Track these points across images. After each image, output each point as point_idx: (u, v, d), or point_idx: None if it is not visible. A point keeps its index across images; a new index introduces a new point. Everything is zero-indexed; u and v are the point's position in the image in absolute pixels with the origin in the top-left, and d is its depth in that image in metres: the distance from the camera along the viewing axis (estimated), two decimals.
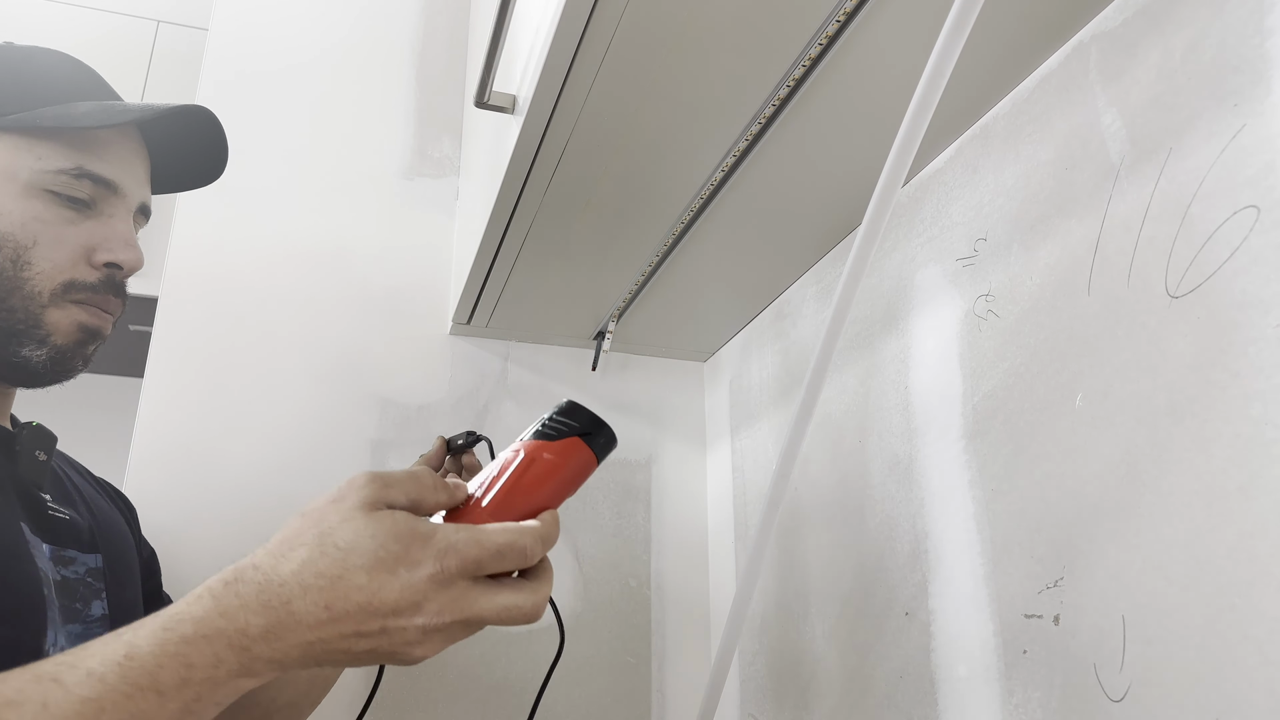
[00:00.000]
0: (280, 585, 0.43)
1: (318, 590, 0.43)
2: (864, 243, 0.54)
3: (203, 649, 0.42)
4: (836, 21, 0.64)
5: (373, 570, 0.44)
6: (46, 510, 0.65)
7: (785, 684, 0.98)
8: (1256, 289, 0.49)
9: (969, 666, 0.69)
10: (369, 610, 0.44)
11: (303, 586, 0.43)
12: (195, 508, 1.04)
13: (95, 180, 0.66)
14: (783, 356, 1.07)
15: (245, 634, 0.43)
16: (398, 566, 0.44)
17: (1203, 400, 0.52)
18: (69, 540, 0.66)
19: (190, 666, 0.42)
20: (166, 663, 0.41)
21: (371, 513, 0.45)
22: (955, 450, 0.73)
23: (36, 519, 0.64)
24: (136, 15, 1.90)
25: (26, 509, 0.63)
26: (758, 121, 0.75)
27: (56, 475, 0.72)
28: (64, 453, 0.79)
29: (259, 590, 0.43)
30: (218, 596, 0.43)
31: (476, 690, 1.09)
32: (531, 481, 0.52)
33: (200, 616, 0.43)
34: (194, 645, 0.42)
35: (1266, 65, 0.51)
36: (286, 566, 0.44)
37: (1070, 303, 0.63)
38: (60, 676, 0.40)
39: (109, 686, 0.40)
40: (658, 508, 1.24)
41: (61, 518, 0.66)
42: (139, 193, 0.71)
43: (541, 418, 0.54)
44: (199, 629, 0.42)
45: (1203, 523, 0.51)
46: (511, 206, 0.88)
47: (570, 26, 0.64)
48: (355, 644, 0.44)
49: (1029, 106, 0.70)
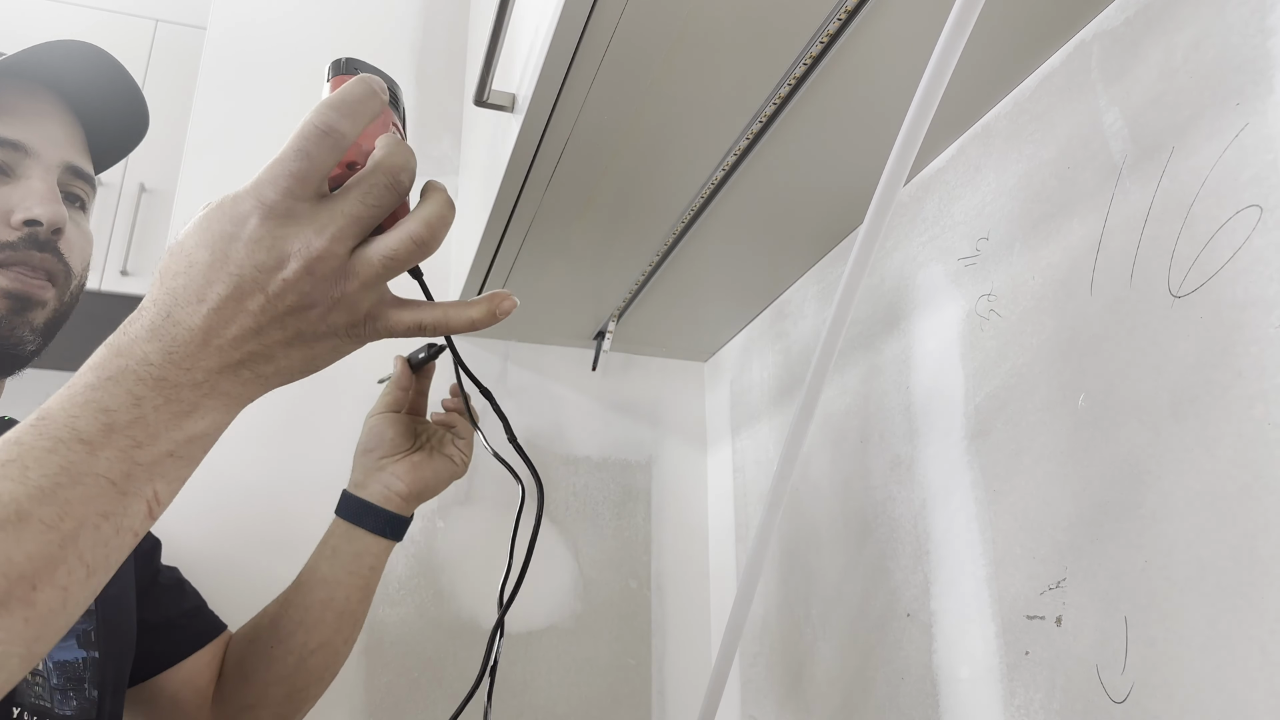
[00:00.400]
0: (155, 304, 0.42)
1: (182, 289, 0.41)
2: (865, 242, 0.54)
3: (113, 390, 0.40)
4: (838, 20, 0.64)
5: (210, 244, 0.42)
6: None
7: (786, 685, 0.98)
8: (1259, 288, 0.49)
9: (971, 668, 0.69)
10: (241, 289, 0.41)
11: (170, 292, 0.42)
12: (185, 504, 1.03)
13: (1, 144, 0.65)
14: (783, 357, 1.06)
15: (148, 363, 0.41)
16: (227, 227, 0.42)
17: (1205, 400, 0.52)
18: None
19: (108, 411, 0.39)
20: (79, 412, 0.39)
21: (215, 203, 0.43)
22: (957, 451, 0.73)
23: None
24: (135, 14, 1.90)
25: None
26: (758, 121, 0.75)
27: None
28: None
29: (144, 320, 0.42)
30: (111, 343, 0.42)
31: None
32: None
33: (98, 363, 0.41)
34: (101, 390, 0.40)
35: (1268, 64, 0.50)
36: (156, 289, 0.42)
37: (1073, 302, 0.63)
38: None
39: (25, 446, 0.38)
40: (658, 508, 1.24)
41: None
42: (57, 153, 0.68)
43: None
44: (100, 374, 0.40)
45: (1205, 523, 0.51)
46: (511, 206, 0.88)
47: (570, 25, 0.64)
48: (268, 333, 0.42)
49: (1031, 105, 0.69)
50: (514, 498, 0.76)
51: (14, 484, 0.37)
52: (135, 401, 0.40)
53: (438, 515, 1.13)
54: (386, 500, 0.81)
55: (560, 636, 1.14)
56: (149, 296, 0.43)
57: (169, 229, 1.16)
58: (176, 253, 0.43)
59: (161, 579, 0.85)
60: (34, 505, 0.37)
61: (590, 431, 1.24)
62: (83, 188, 0.71)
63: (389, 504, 0.81)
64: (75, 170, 0.70)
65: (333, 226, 0.43)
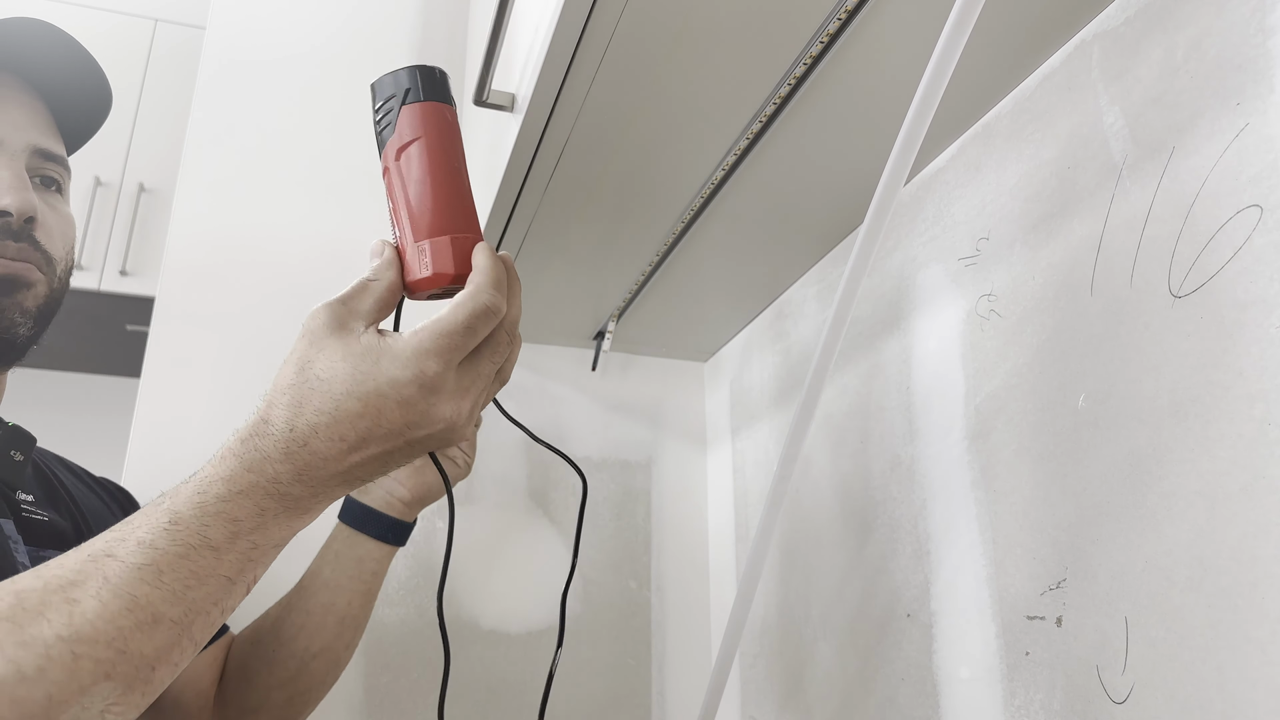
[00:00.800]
0: (292, 431, 0.45)
1: (325, 427, 0.45)
2: (865, 242, 0.54)
3: (242, 503, 0.44)
4: (838, 19, 0.64)
5: (363, 398, 0.46)
6: (21, 511, 0.65)
7: (786, 686, 0.98)
8: (1260, 289, 0.49)
9: (971, 668, 0.69)
10: (382, 433, 0.46)
11: (311, 427, 0.45)
12: None
13: None
14: (784, 357, 1.06)
15: (278, 482, 0.45)
16: (384, 392, 0.46)
17: (1206, 400, 0.52)
18: (47, 541, 0.66)
19: (236, 520, 0.44)
20: (211, 521, 0.43)
21: (339, 335, 0.47)
22: (957, 451, 0.73)
23: (12, 519, 0.64)
24: (134, 14, 1.90)
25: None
26: (758, 120, 0.75)
27: (44, 476, 0.72)
28: (57, 454, 0.79)
29: (275, 441, 0.45)
30: (239, 455, 0.45)
31: (475, 693, 1.09)
32: (420, 181, 0.52)
33: (228, 476, 0.44)
34: (232, 502, 0.44)
35: (1269, 64, 0.50)
36: (289, 413, 0.46)
37: (1073, 302, 0.63)
38: (112, 551, 0.42)
39: (160, 550, 0.42)
40: (658, 509, 1.24)
41: (39, 519, 0.66)
42: (22, 137, 0.66)
43: (373, 124, 0.54)
44: (231, 487, 0.44)
45: (1206, 523, 0.51)
46: (511, 205, 0.88)
47: (570, 24, 0.64)
48: (392, 458, 0.48)
49: (1031, 105, 0.69)
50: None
51: (150, 588, 0.41)
52: (260, 512, 0.45)
53: (437, 516, 1.13)
54: (389, 506, 0.81)
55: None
56: (280, 416, 0.46)
57: (168, 228, 1.16)
58: (312, 382, 0.46)
59: None
60: (166, 607, 0.41)
61: (590, 432, 1.24)
62: (55, 169, 0.68)
63: (391, 510, 0.81)
64: (44, 153, 0.67)
65: (474, 390, 0.49)
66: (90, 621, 0.39)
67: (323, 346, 0.47)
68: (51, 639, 0.38)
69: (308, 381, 0.46)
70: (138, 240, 1.80)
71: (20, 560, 0.61)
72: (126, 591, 0.40)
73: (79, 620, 0.39)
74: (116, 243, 1.79)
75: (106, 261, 1.79)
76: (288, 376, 0.47)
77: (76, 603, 0.39)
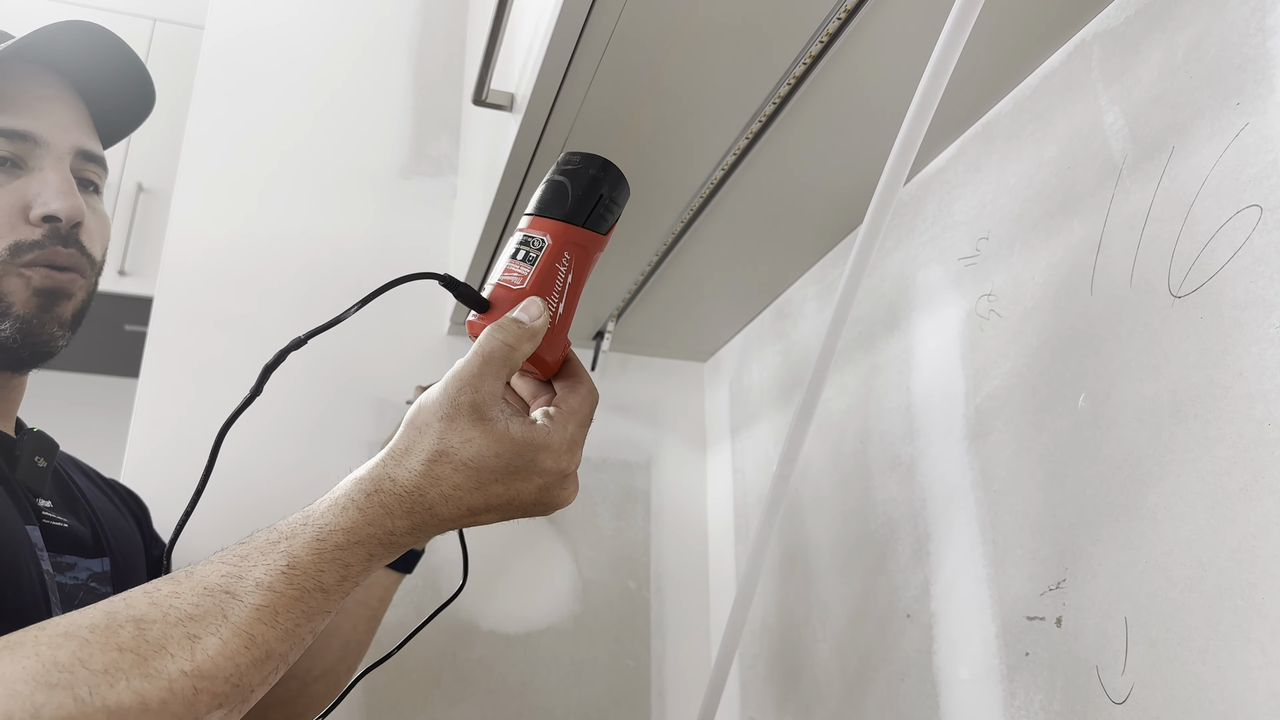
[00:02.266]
0: (421, 495, 0.47)
1: (457, 499, 0.48)
2: (865, 242, 0.54)
3: (357, 552, 0.47)
4: (838, 19, 0.64)
5: (508, 480, 0.49)
6: (43, 517, 0.65)
7: (786, 686, 0.98)
8: (1260, 289, 0.49)
9: (971, 669, 0.69)
10: (510, 508, 0.50)
11: (443, 496, 0.48)
12: (206, 512, 1.03)
13: (9, 136, 0.64)
14: (783, 357, 1.06)
15: (393, 534, 0.47)
16: (530, 475, 0.49)
17: (1205, 400, 0.52)
18: (67, 546, 0.66)
19: (348, 566, 0.46)
20: (327, 567, 0.46)
21: (483, 425, 0.49)
22: (957, 451, 0.73)
23: (37, 525, 0.64)
24: (134, 13, 1.90)
25: (23, 514, 0.63)
26: (758, 120, 0.75)
27: (61, 481, 0.71)
28: (72, 457, 0.78)
29: (400, 500, 0.47)
30: (363, 509, 0.47)
31: (475, 693, 1.09)
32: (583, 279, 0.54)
33: (349, 527, 0.47)
34: (349, 551, 0.46)
35: (1269, 64, 0.50)
36: (422, 480, 0.48)
37: (1073, 302, 0.63)
38: (230, 589, 0.44)
39: (278, 593, 0.44)
40: (657, 509, 1.24)
41: (59, 525, 0.66)
42: (67, 139, 0.67)
43: (561, 186, 0.54)
44: (350, 537, 0.46)
45: (1205, 524, 0.51)
46: (510, 205, 0.88)
47: (569, 23, 0.64)
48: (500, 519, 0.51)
49: (1031, 105, 0.69)
50: None
51: (267, 628, 0.44)
52: (369, 557, 0.47)
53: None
54: None
55: (559, 637, 1.14)
56: (408, 480, 0.48)
57: (167, 228, 1.16)
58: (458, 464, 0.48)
59: None
60: (277, 644, 0.44)
61: (589, 431, 1.24)
62: (95, 171, 0.70)
63: None
64: (86, 154, 0.69)
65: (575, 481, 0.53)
66: (212, 658, 0.42)
67: (468, 438, 0.48)
68: (175, 674, 0.40)
69: (450, 461, 0.48)
70: (136, 240, 1.80)
71: (45, 568, 0.61)
72: (245, 631, 0.43)
73: (201, 656, 0.41)
74: (115, 243, 1.78)
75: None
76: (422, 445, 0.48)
77: (198, 639, 0.42)
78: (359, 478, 0.48)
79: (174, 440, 1.06)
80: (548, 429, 0.50)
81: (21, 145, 0.65)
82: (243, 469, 1.07)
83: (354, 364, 1.16)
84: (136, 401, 1.07)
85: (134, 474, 1.03)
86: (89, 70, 0.70)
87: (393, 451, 0.49)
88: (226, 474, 1.07)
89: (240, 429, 1.10)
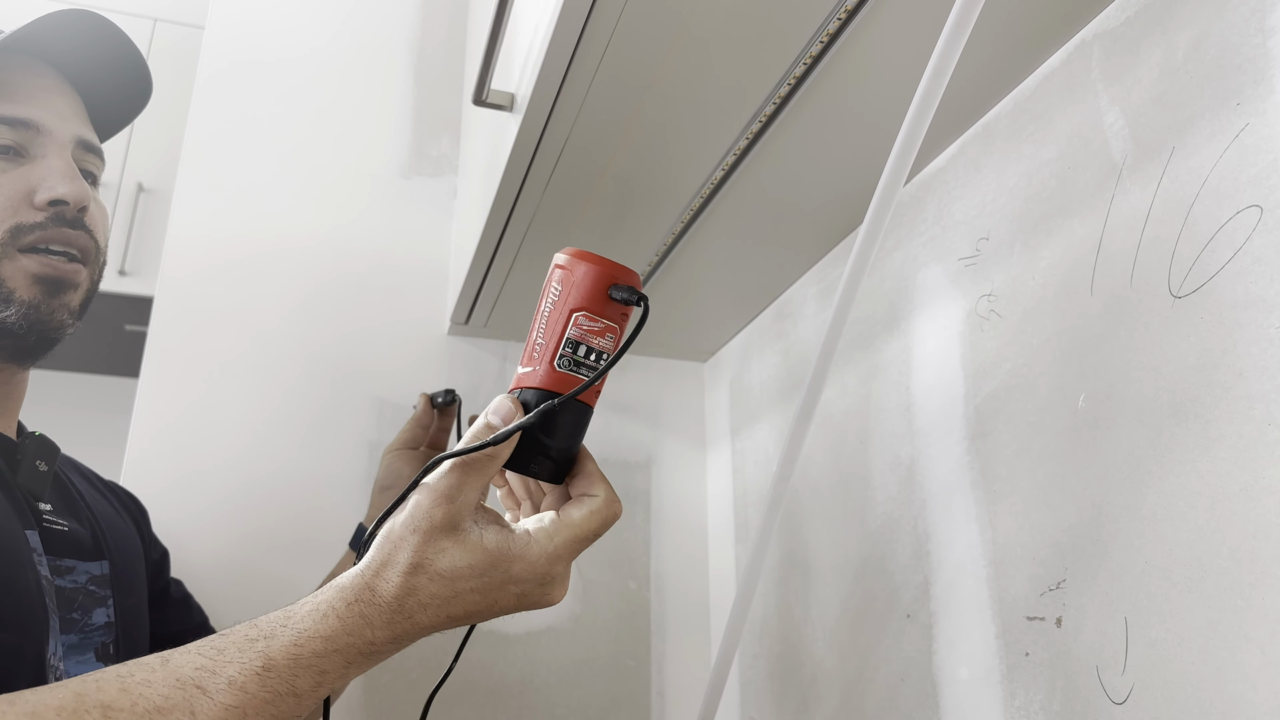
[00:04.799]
0: (400, 606, 0.48)
1: (435, 608, 0.48)
2: (865, 242, 0.54)
3: (334, 660, 0.47)
4: (838, 19, 0.64)
5: (485, 590, 0.49)
6: (43, 521, 0.65)
7: (786, 687, 0.98)
8: (1260, 289, 0.49)
9: (971, 669, 0.69)
10: (490, 611, 0.50)
11: (421, 605, 0.48)
12: (191, 508, 1.04)
13: (11, 124, 0.64)
14: (783, 357, 1.06)
15: (372, 644, 0.47)
16: (506, 584, 0.50)
17: (1205, 401, 0.52)
18: (67, 550, 0.66)
19: (324, 673, 0.46)
20: (302, 672, 0.46)
21: (457, 537, 0.49)
22: (957, 451, 0.73)
23: (37, 530, 0.64)
24: (133, 13, 1.90)
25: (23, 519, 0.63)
26: (758, 120, 0.75)
27: (62, 484, 0.71)
28: (72, 459, 0.78)
29: (380, 611, 0.47)
30: (343, 618, 0.47)
31: (475, 694, 1.09)
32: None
33: (328, 635, 0.46)
34: (326, 658, 0.46)
35: (1269, 64, 0.50)
36: (401, 592, 0.48)
37: (1073, 303, 0.63)
38: (202, 683, 0.44)
39: (250, 695, 0.44)
40: (657, 509, 1.24)
41: (59, 528, 0.66)
42: (67, 127, 0.68)
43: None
44: (329, 645, 0.46)
45: (1205, 524, 0.51)
46: (510, 205, 0.88)
47: (569, 23, 0.64)
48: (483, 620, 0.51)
49: (1031, 105, 0.69)
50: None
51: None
52: (346, 664, 0.47)
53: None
54: None
55: (559, 637, 1.14)
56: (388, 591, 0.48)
57: (167, 228, 1.16)
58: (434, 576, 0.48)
59: (171, 592, 0.85)
60: None
61: (589, 431, 1.24)
62: (94, 162, 0.71)
63: None
64: (86, 144, 0.69)
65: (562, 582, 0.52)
66: None
67: (441, 549, 0.48)
68: None
69: (425, 572, 0.48)
70: (136, 240, 1.80)
71: (43, 573, 0.61)
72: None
73: None
74: (115, 243, 1.78)
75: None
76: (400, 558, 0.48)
77: None
78: (341, 586, 0.48)
79: (174, 440, 1.06)
80: (526, 540, 0.50)
81: (24, 133, 0.65)
82: (243, 469, 1.07)
83: (354, 364, 1.16)
84: (136, 401, 1.07)
85: (134, 474, 1.03)
86: (84, 62, 0.70)
87: (370, 564, 0.49)
88: (226, 474, 1.07)
89: (240, 429, 1.10)
